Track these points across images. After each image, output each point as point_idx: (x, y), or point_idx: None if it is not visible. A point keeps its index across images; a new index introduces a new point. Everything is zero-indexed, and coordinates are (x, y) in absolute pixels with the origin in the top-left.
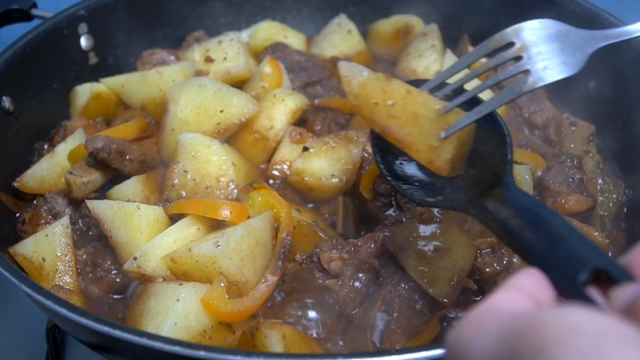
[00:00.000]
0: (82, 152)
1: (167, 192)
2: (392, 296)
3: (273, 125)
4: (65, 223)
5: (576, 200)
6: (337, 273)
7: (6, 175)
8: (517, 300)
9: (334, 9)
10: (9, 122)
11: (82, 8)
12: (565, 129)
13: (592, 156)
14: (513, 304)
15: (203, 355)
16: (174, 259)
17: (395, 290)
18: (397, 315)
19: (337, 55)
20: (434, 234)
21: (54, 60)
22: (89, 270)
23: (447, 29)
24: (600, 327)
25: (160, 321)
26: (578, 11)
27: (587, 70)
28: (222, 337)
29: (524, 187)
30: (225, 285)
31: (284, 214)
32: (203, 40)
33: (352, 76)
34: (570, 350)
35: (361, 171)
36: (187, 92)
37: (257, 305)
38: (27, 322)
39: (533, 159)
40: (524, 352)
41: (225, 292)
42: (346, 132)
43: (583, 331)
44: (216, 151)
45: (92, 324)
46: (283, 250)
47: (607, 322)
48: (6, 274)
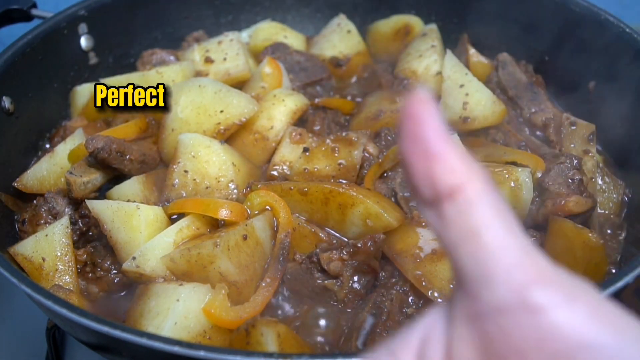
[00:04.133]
0: (82, 152)
1: (167, 192)
2: (383, 299)
3: (273, 125)
4: (65, 223)
5: (576, 202)
6: (336, 273)
7: (6, 175)
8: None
9: (333, 9)
10: (9, 122)
11: (82, 8)
12: (565, 129)
13: (592, 156)
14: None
15: (203, 355)
16: (173, 258)
17: (388, 294)
18: (386, 319)
19: (337, 55)
20: (432, 236)
21: (54, 60)
22: (89, 270)
23: (447, 29)
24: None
25: (160, 321)
26: (578, 11)
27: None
28: (222, 337)
29: (524, 190)
30: (226, 292)
31: (283, 215)
32: (203, 40)
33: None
34: None
35: (361, 172)
36: (187, 93)
37: (258, 311)
38: (27, 322)
39: (533, 161)
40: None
41: (227, 299)
42: (346, 133)
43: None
44: (216, 151)
45: (92, 324)
46: (282, 252)
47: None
48: (6, 274)
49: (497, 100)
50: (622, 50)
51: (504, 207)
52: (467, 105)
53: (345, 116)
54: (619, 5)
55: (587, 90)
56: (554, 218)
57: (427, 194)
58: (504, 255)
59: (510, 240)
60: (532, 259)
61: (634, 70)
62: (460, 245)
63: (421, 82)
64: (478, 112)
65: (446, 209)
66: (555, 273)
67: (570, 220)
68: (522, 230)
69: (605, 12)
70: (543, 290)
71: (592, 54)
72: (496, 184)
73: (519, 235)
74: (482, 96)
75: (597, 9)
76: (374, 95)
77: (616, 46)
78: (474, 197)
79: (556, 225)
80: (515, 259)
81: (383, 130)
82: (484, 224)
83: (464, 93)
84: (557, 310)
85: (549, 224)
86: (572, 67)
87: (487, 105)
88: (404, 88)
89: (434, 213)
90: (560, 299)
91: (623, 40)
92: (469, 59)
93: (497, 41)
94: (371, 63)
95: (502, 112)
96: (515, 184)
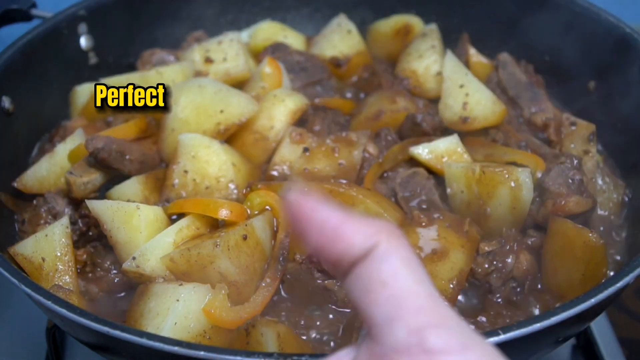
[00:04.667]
0: (82, 152)
1: (167, 192)
2: None
3: (273, 125)
4: (65, 223)
5: (576, 202)
6: None
7: (6, 175)
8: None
9: (333, 9)
10: (9, 122)
11: (82, 8)
12: (565, 129)
13: (592, 156)
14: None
15: (203, 355)
16: (173, 258)
17: None
18: None
19: (337, 55)
20: (432, 236)
21: (54, 60)
22: (89, 270)
23: (447, 29)
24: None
25: (160, 321)
26: (578, 11)
27: (587, 70)
28: (221, 337)
29: (524, 190)
30: (226, 293)
31: (283, 215)
32: (203, 40)
33: None
34: None
35: (361, 172)
36: (187, 93)
37: (258, 311)
38: (27, 322)
39: (533, 161)
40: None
41: (227, 300)
42: (346, 133)
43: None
44: (216, 151)
45: (92, 324)
46: (282, 252)
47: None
48: (6, 274)
49: (497, 100)
50: (622, 50)
51: (414, 258)
52: (467, 105)
53: (345, 116)
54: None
55: (587, 90)
56: (554, 218)
57: (347, 266)
58: (409, 300)
59: (416, 287)
60: (436, 304)
61: (634, 70)
62: (369, 294)
63: (421, 82)
64: (478, 112)
65: (357, 267)
66: (456, 320)
67: (570, 220)
68: (431, 280)
69: (606, 12)
70: (441, 335)
71: (592, 54)
72: (496, 184)
73: (427, 283)
74: (482, 96)
75: (597, 9)
76: (374, 95)
77: (616, 46)
78: (383, 253)
79: (556, 225)
80: (419, 303)
81: (383, 130)
82: (391, 274)
83: (464, 93)
84: (451, 356)
85: (549, 224)
86: (572, 67)
87: (487, 105)
88: (404, 88)
89: (349, 278)
90: (456, 345)
91: (623, 40)
92: (469, 59)
93: (497, 41)
94: (371, 63)
95: (502, 112)
96: (515, 184)
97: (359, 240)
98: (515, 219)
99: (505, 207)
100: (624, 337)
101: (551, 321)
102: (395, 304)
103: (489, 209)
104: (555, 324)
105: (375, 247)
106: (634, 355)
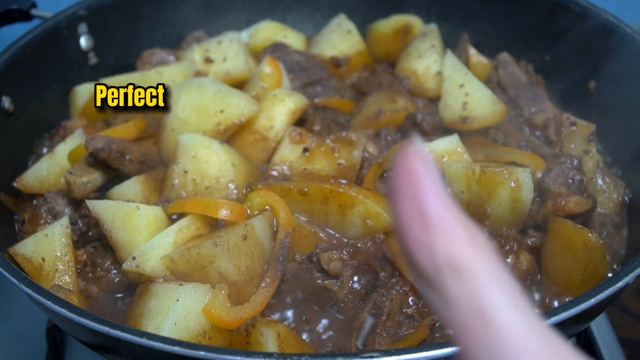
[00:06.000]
0: (82, 152)
1: (167, 192)
2: (384, 299)
3: (273, 125)
4: (65, 223)
5: (576, 202)
6: (336, 274)
7: (6, 175)
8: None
9: (333, 9)
10: (9, 122)
11: (82, 8)
12: (565, 129)
13: (592, 156)
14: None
15: (203, 355)
16: (172, 258)
17: (388, 294)
18: (386, 319)
19: (337, 55)
20: None
21: (54, 60)
22: (89, 270)
23: (447, 29)
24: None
25: (160, 321)
26: (578, 11)
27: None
28: (221, 337)
29: (524, 190)
30: (226, 293)
31: (283, 215)
32: (203, 40)
33: None
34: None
35: (361, 172)
36: (187, 93)
37: (258, 311)
38: (27, 322)
39: (533, 161)
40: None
41: (227, 300)
42: (346, 133)
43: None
44: (216, 151)
45: (92, 324)
46: (282, 252)
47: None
48: (6, 274)
49: (497, 100)
50: (622, 50)
51: (512, 283)
52: (467, 105)
53: (345, 116)
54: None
55: (587, 90)
56: (554, 218)
57: (425, 264)
58: (516, 341)
59: (521, 323)
60: (547, 343)
61: (634, 69)
62: (466, 323)
63: (421, 82)
64: (478, 112)
65: (448, 282)
66: (574, 356)
67: (570, 220)
68: (532, 307)
69: (606, 12)
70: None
71: (592, 54)
72: (496, 184)
73: (530, 314)
74: (482, 96)
75: (597, 9)
76: (374, 95)
77: (616, 46)
78: (480, 273)
79: (556, 226)
80: (527, 344)
81: (383, 130)
82: (491, 303)
83: (464, 93)
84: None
85: (549, 224)
86: (572, 67)
87: (487, 105)
88: (404, 88)
89: (431, 285)
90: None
91: (623, 40)
92: (469, 59)
93: (497, 41)
94: (371, 63)
95: (502, 112)
96: (515, 184)
97: (452, 246)
98: (515, 219)
99: (505, 207)
100: (624, 337)
101: (551, 321)
102: (502, 343)
103: (489, 209)
104: (555, 323)
105: (468, 261)
106: (634, 355)
